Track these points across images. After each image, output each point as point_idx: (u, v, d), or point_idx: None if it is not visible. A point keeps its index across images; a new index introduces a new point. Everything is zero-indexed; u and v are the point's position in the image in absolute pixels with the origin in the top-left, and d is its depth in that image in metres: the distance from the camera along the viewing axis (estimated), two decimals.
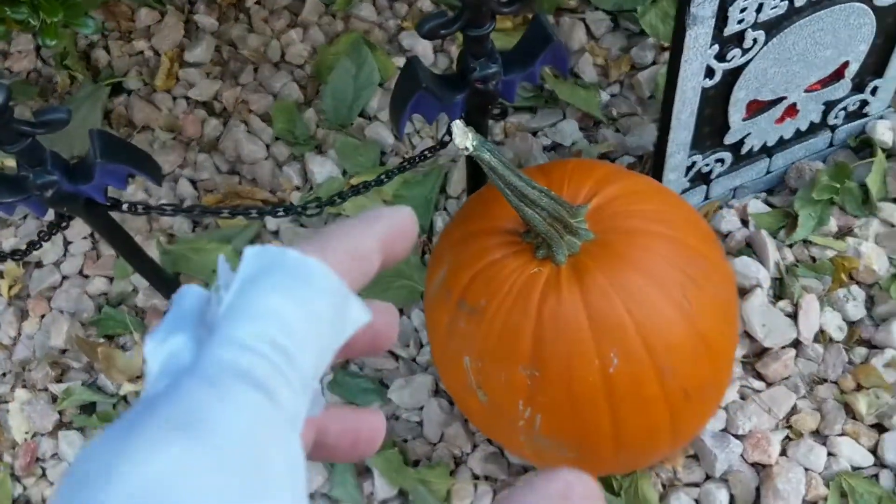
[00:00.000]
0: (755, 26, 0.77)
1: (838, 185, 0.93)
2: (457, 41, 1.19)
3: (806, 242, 0.94)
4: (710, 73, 0.79)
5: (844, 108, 0.94)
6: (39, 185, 0.70)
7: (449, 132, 0.72)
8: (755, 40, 0.78)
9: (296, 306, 0.24)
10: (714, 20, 0.74)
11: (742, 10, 0.74)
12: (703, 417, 0.74)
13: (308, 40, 1.24)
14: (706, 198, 0.97)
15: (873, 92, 0.94)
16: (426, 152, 0.83)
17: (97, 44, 1.31)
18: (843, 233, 0.95)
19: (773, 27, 0.79)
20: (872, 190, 0.93)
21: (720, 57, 0.78)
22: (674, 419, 0.69)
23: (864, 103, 0.95)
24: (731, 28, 0.76)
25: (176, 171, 1.15)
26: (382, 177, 0.84)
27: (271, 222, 1.06)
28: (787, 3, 0.76)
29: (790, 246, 0.94)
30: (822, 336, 0.90)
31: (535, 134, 1.09)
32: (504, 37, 1.15)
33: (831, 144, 0.99)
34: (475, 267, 0.70)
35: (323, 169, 1.09)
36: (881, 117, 0.98)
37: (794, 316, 0.89)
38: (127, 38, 1.31)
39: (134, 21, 1.33)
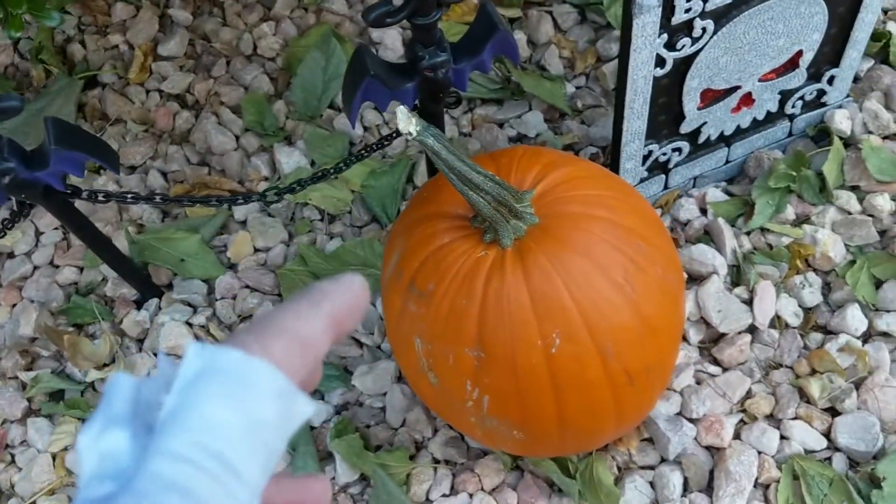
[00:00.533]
0: (703, 15, 0.78)
1: (795, 174, 0.94)
2: None
3: (763, 230, 0.95)
4: (660, 62, 0.81)
5: (802, 98, 0.96)
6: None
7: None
8: (704, 29, 0.80)
9: (239, 414, 0.23)
10: (661, 9, 0.75)
11: (688, 0, 0.76)
12: (648, 400, 0.75)
13: (280, 33, 1.25)
14: (665, 187, 0.99)
15: (830, 81, 0.95)
16: (383, 140, 0.84)
17: (73, 38, 1.32)
18: (800, 220, 0.96)
19: (722, 16, 0.80)
20: (829, 178, 0.94)
21: (670, 46, 0.80)
22: (617, 401, 0.70)
23: (822, 93, 0.96)
24: (679, 17, 0.77)
25: (147, 162, 1.16)
26: (341, 165, 0.86)
27: (238, 212, 1.07)
28: None
29: (747, 234, 0.95)
30: (778, 322, 0.91)
31: (501, 126, 1.10)
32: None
33: (790, 134, 1.00)
34: (425, 251, 0.72)
35: (291, 159, 1.10)
36: (840, 106, 0.99)
37: (749, 302, 0.91)
38: (103, 33, 1.33)
39: (110, 15, 1.34)
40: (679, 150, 0.94)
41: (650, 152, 0.92)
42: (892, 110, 0.99)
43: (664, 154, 0.93)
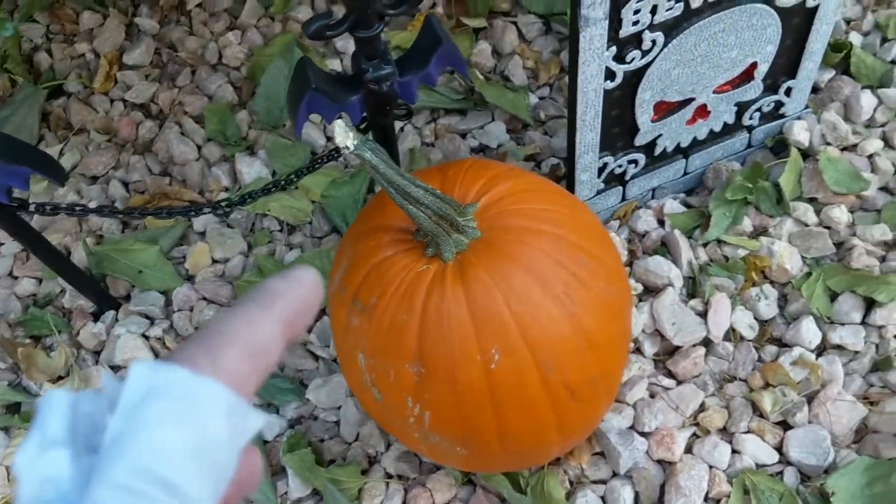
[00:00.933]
0: (652, 28, 0.78)
1: (751, 186, 0.94)
2: (392, 44, 1.19)
3: (720, 242, 0.94)
4: (610, 74, 0.80)
5: (759, 109, 0.95)
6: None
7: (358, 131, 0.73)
8: (654, 42, 0.79)
9: (187, 436, 0.23)
10: (607, 22, 0.74)
11: (636, 12, 0.75)
12: (592, 415, 0.74)
13: (245, 42, 1.25)
14: (623, 198, 0.98)
15: (787, 93, 0.95)
16: (333, 152, 0.84)
17: (41, 47, 1.32)
18: (758, 232, 0.95)
19: (671, 28, 0.79)
20: (786, 190, 0.94)
21: (619, 59, 0.79)
22: (559, 416, 0.69)
23: (780, 104, 0.96)
24: (627, 30, 0.77)
25: (109, 172, 1.16)
26: (292, 176, 0.85)
27: (198, 222, 1.07)
28: (682, 4, 0.77)
29: (704, 245, 0.95)
30: (733, 334, 0.90)
31: (464, 136, 1.10)
32: None
33: (749, 145, 1.00)
34: (368, 264, 0.71)
35: (252, 169, 1.09)
36: (798, 118, 0.99)
37: (704, 314, 0.90)
38: (70, 41, 1.32)
39: (78, 24, 1.34)
40: (635, 162, 0.94)
41: (605, 164, 0.92)
42: (851, 122, 0.99)
43: (620, 166, 0.93)
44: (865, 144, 0.97)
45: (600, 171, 0.92)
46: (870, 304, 0.89)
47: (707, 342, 0.90)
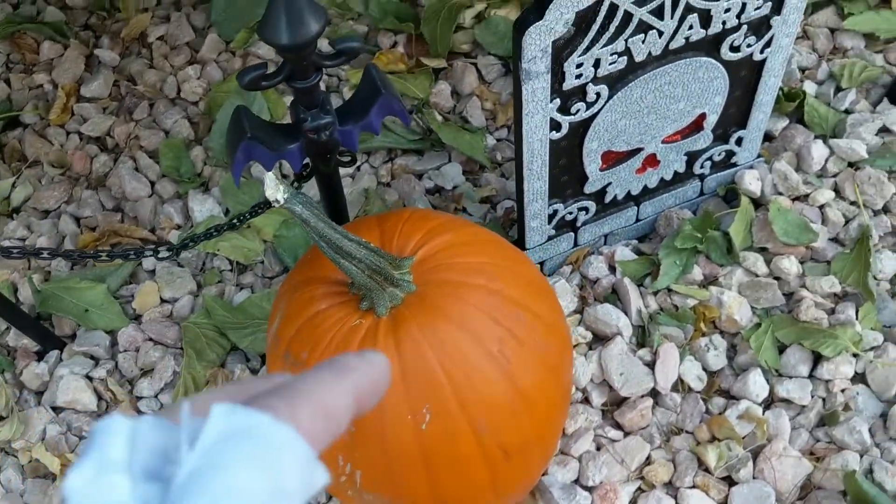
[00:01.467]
0: (596, 81, 0.78)
1: (701, 236, 0.94)
2: (350, 83, 1.19)
3: (670, 291, 0.94)
4: (556, 125, 0.80)
5: (710, 159, 0.95)
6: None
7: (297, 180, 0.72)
8: (599, 94, 0.79)
9: (265, 481, 0.23)
10: (550, 75, 0.74)
11: (578, 66, 0.75)
12: (527, 474, 0.73)
13: (205, 77, 1.24)
14: (575, 244, 0.98)
15: (738, 142, 0.95)
16: (260, 206, 0.83)
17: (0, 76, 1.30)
18: (709, 281, 0.95)
19: (616, 81, 0.79)
20: (736, 240, 0.93)
21: (564, 110, 0.79)
22: (494, 477, 0.68)
23: (731, 153, 0.96)
24: (571, 83, 0.76)
25: (61, 206, 1.14)
26: (235, 221, 0.84)
27: (147, 261, 1.05)
28: (626, 58, 0.77)
29: (654, 293, 0.94)
30: (681, 385, 0.90)
31: (420, 177, 1.09)
32: (399, 80, 1.16)
33: (702, 192, 1.00)
34: (302, 317, 0.70)
35: (204, 207, 1.08)
36: (751, 166, 0.99)
37: (653, 365, 0.89)
38: (29, 71, 1.31)
39: (38, 54, 1.32)
40: (585, 209, 0.93)
41: (555, 211, 0.91)
42: (804, 171, 0.99)
43: (570, 213, 0.92)
44: (817, 195, 0.97)
45: (550, 217, 0.92)
46: (818, 358, 0.89)
47: (655, 393, 0.89)
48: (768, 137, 1.05)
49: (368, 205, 1.05)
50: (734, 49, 0.82)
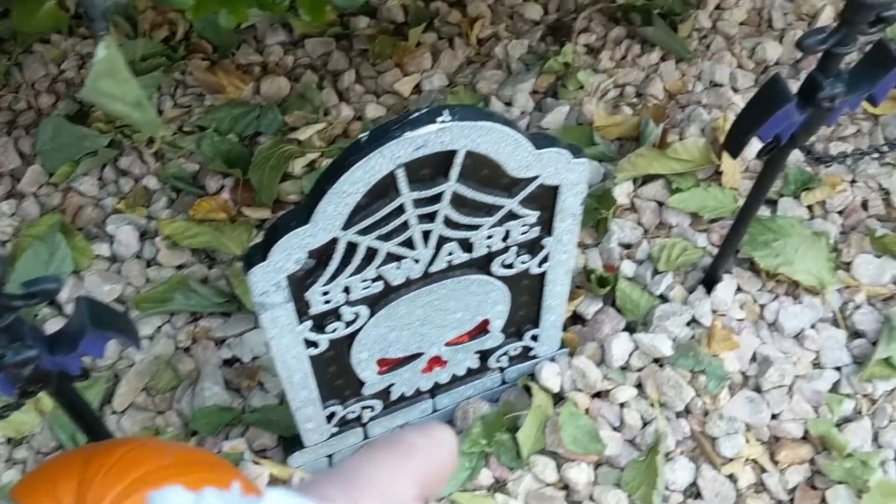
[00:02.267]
0: (351, 303, 0.74)
1: (486, 441, 0.90)
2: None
3: (452, 501, 0.89)
4: (313, 343, 0.75)
5: (506, 353, 0.92)
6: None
7: None
8: (357, 314, 0.75)
9: None
10: (293, 303, 0.70)
11: (325, 293, 0.71)
12: None
13: (20, 213, 1.17)
14: (366, 437, 0.93)
15: (534, 339, 0.92)
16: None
17: None
18: (500, 484, 0.91)
19: (376, 301, 0.75)
20: (524, 446, 0.90)
21: (319, 328, 0.75)
22: None
23: (528, 348, 0.93)
24: (318, 308, 0.72)
25: None
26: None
27: None
28: (381, 283, 0.73)
29: (438, 501, 0.89)
30: None
31: (219, 343, 1.04)
32: (216, 232, 1.11)
33: (504, 382, 0.96)
34: None
35: None
36: (552, 359, 0.96)
37: None
38: None
39: None
40: (370, 407, 0.89)
41: (334, 413, 0.86)
42: (606, 365, 0.96)
43: (353, 412, 0.88)
44: (617, 392, 0.94)
45: (329, 417, 0.87)
46: None
47: None
48: (581, 320, 1.02)
49: (154, 379, 0.99)
50: (507, 266, 0.79)
